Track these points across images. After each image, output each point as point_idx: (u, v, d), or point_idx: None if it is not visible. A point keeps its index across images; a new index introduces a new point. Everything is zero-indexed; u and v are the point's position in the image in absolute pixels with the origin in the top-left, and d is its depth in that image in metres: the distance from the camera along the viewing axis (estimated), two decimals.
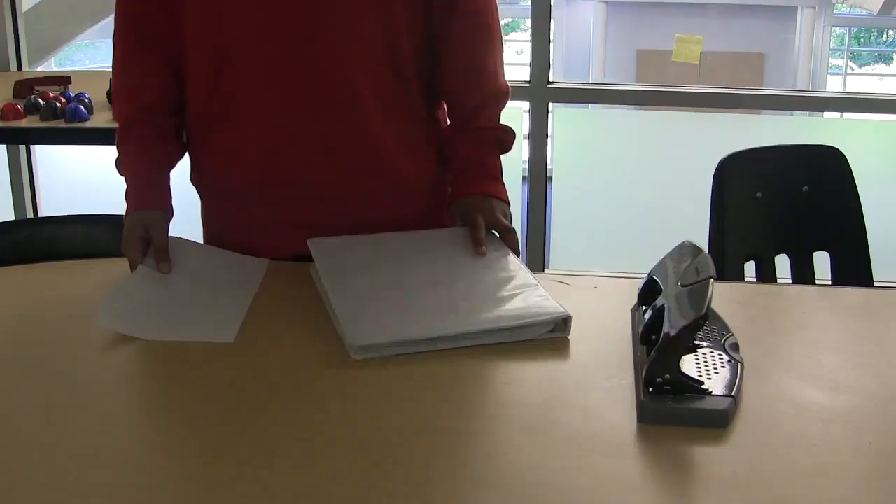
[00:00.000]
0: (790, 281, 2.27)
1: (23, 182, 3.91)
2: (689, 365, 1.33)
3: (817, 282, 2.29)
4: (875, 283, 2.26)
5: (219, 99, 1.78)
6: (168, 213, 1.79)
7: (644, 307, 1.47)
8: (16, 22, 3.88)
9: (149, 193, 1.80)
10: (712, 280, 1.35)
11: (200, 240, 1.87)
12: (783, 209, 2.30)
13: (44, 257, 1.86)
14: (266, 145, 1.78)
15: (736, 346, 1.40)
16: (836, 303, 1.73)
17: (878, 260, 2.26)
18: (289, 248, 1.78)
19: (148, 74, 1.81)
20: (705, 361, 1.35)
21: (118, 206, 1.79)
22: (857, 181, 2.29)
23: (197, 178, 1.91)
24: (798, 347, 1.51)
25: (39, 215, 3.95)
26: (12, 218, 3.84)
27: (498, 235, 1.75)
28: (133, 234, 1.72)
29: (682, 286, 1.38)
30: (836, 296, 1.82)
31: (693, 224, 2.19)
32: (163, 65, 1.81)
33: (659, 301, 1.41)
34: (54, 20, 8.90)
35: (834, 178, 2.30)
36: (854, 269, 2.27)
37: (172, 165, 1.85)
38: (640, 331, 1.42)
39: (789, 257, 2.28)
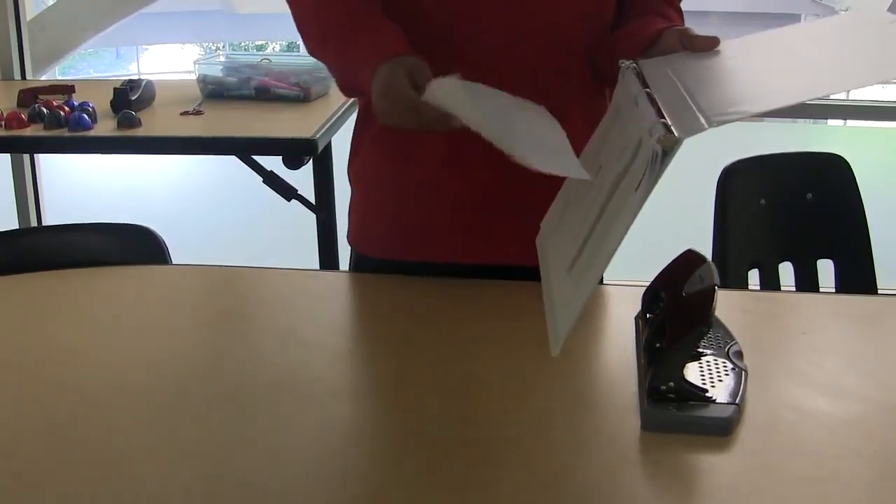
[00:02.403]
0: (794, 288, 2.27)
1: (26, 191, 3.91)
2: (692, 373, 1.33)
3: (821, 289, 2.29)
4: (879, 291, 2.26)
5: None
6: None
7: (648, 315, 1.47)
8: (20, 31, 3.89)
9: (390, 40, 1.55)
10: (716, 288, 1.35)
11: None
12: (787, 217, 2.30)
13: (48, 266, 1.86)
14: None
15: (740, 354, 1.40)
16: (840, 310, 1.73)
17: (883, 267, 2.26)
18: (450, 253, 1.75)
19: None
20: (709, 369, 1.35)
21: (122, 214, 1.79)
22: (860, 188, 2.29)
23: (361, 165, 1.84)
24: (802, 355, 1.51)
25: (43, 224, 3.95)
26: (16, 226, 3.85)
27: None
28: (396, 81, 1.46)
29: (686, 294, 1.38)
30: (840, 303, 1.82)
31: (697, 231, 2.19)
32: None
33: (663, 309, 1.41)
34: (58, 29, 8.93)
35: (838, 185, 2.30)
36: (858, 276, 2.27)
37: None
38: (643, 339, 1.42)
39: (793, 265, 2.28)
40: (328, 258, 3.13)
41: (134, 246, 1.97)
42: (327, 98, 3.21)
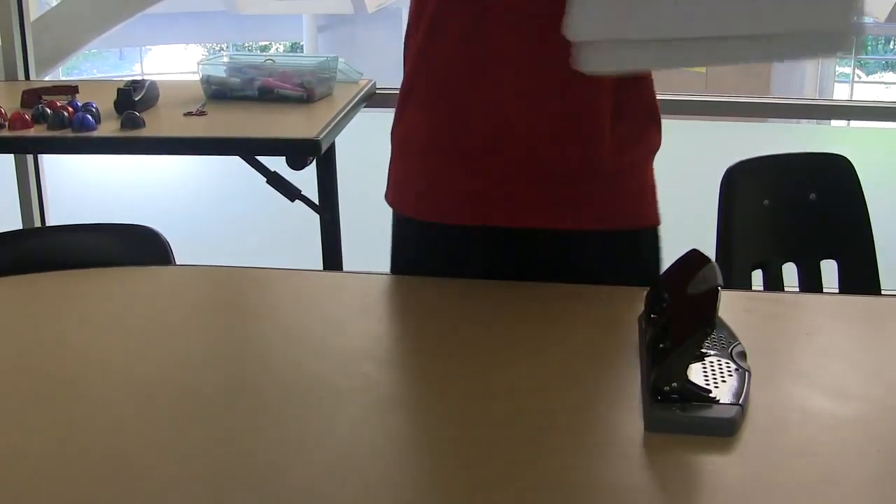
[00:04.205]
0: (798, 289, 2.26)
1: (30, 191, 3.91)
2: (696, 373, 1.33)
3: (825, 290, 2.29)
4: (883, 292, 2.26)
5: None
6: None
7: (652, 315, 1.47)
8: (23, 31, 3.90)
9: None
10: (719, 289, 1.34)
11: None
12: (790, 217, 2.30)
13: (52, 266, 1.86)
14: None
15: (743, 355, 1.40)
16: (843, 311, 1.73)
17: (886, 268, 2.26)
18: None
19: None
20: (713, 370, 1.35)
21: (125, 215, 1.79)
22: (864, 189, 2.29)
23: (404, 131, 1.85)
24: (806, 355, 1.51)
25: (47, 224, 3.95)
26: (20, 227, 3.85)
27: None
28: None
29: (690, 295, 1.38)
30: (844, 304, 1.82)
31: (700, 232, 2.19)
32: None
33: (666, 310, 1.41)
34: (61, 30, 8.95)
35: (841, 186, 2.30)
36: (862, 277, 2.27)
37: None
38: (647, 339, 1.42)
39: (797, 265, 2.28)
40: (332, 259, 3.13)
41: (138, 246, 1.97)
42: (331, 99, 3.21)
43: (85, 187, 6.25)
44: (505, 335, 1.55)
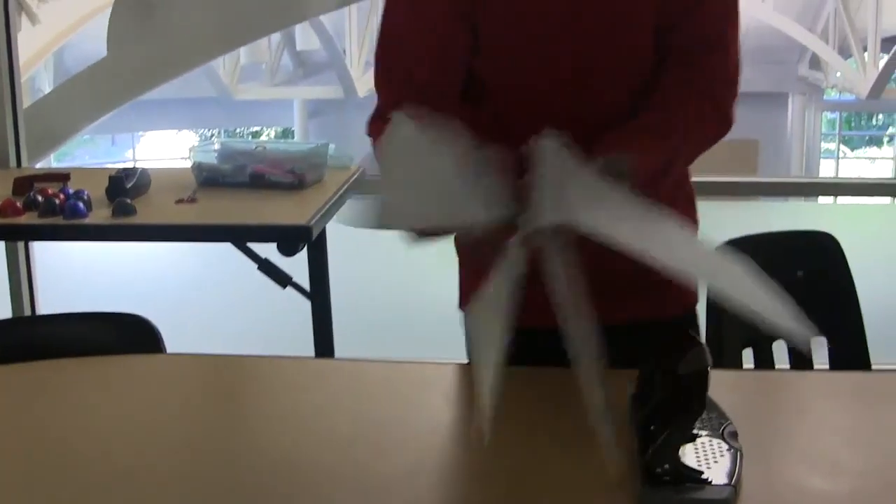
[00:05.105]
0: (788, 367, 2.27)
1: (21, 279, 3.91)
2: (688, 455, 1.33)
3: (815, 367, 2.29)
4: (873, 367, 2.26)
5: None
6: None
7: (642, 396, 1.47)
8: (16, 119, 3.92)
9: None
10: (708, 370, 1.35)
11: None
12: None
13: (43, 355, 1.86)
14: None
15: (735, 435, 1.40)
16: (834, 387, 1.73)
17: (875, 343, 2.26)
18: None
19: None
20: (705, 450, 1.35)
21: (116, 302, 1.80)
22: (851, 264, 2.30)
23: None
24: (798, 432, 1.51)
25: (37, 313, 3.94)
26: (10, 315, 3.84)
27: None
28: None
29: (680, 376, 1.38)
30: (835, 380, 1.82)
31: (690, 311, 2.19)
32: None
33: (657, 391, 1.41)
34: (54, 117, 8.99)
35: (828, 263, 2.31)
36: (851, 353, 2.27)
37: None
38: (637, 420, 1.42)
39: (786, 343, 2.28)
40: (323, 345, 3.12)
41: (129, 335, 1.97)
42: (322, 185, 3.23)
43: (76, 274, 6.24)
44: (497, 417, 1.54)
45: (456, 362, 1.74)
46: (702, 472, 1.30)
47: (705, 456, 1.34)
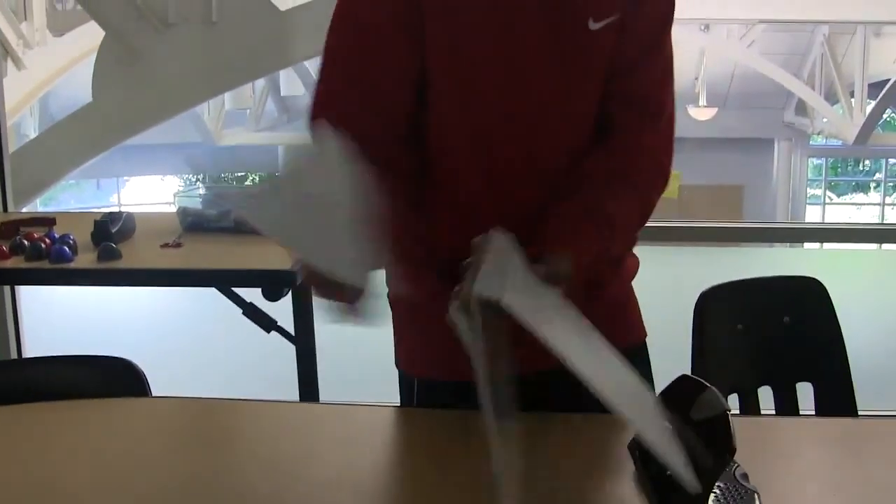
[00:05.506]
0: (774, 412, 2.27)
1: (7, 322, 3.90)
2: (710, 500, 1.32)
3: (801, 412, 2.29)
4: (859, 413, 2.26)
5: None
6: None
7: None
8: (2, 164, 3.92)
9: None
10: (728, 413, 1.35)
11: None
12: (765, 341, 2.31)
13: (29, 398, 1.86)
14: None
15: (746, 476, 1.38)
16: (820, 433, 1.73)
17: (862, 389, 2.27)
18: None
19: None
20: (725, 496, 1.34)
21: (102, 346, 1.79)
22: (838, 309, 2.30)
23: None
24: (782, 478, 1.51)
25: (23, 355, 3.93)
26: None
27: None
28: None
29: (696, 421, 1.38)
30: (821, 426, 1.82)
31: (675, 357, 2.20)
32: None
33: None
34: (40, 162, 9.00)
35: (814, 308, 2.32)
36: (838, 398, 2.27)
37: None
38: (649, 468, 1.41)
39: (772, 388, 2.28)
40: (308, 389, 3.11)
41: (114, 378, 1.96)
42: None
43: (62, 318, 6.24)
44: (487, 467, 1.54)
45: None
46: None
47: (728, 499, 1.33)
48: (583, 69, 1.71)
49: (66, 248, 2.89)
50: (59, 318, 6.26)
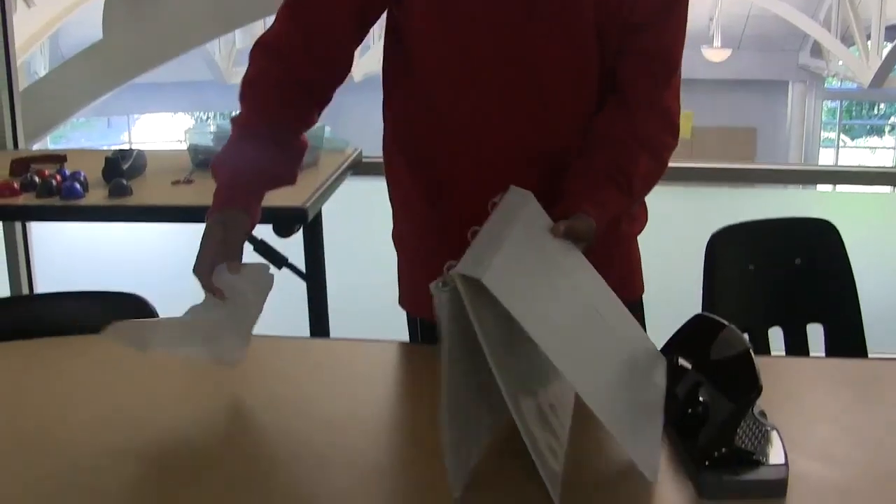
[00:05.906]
0: (784, 353, 2.27)
1: (18, 259, 3.91)
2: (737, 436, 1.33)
3: (811, 354, 2.29)
4: (869, 355, 2.26)
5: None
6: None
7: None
8: (12, 101, 3.91)
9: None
10: (750, 350, 1.35)
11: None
12: (776, 282, 2.31)
13: (40, 333, 1.86)
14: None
15: (764, 414, 1.39)
16: (830, 375, 1.73)
17: (872, 331, 2.26)
18: None
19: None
20: (747, 432, 1.34)
21: (113, 282, 1.79)
22: (849, 252, 2.30)
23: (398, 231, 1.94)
24: (792, 419, 1.51)
25: (35, 292, 3.95)
26: (8, 294, 3.85)
27: None
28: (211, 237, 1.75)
29: (717, 360, 1.37)
30: (830, 367, 1.82)
31: (685, 297, 2.20)
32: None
33: (690, 375, 1.40)
34: (50, 99, 8.98)
35: (826, 250, 2.31)
36: (848, 340, 2.27)
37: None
38: (672, 406, 1.41)
39: (783, 330, 2.28)
40: (319, 325, 3.12)
41: (125, 313, 1.97)
42: (317, 167, 3.22)
43: (73, 254, 6.25)
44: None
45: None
46: (754, 453, 1.29)
47: (749, 437, 1.33)
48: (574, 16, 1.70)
49: (77, 185, 2.89)
50: (70, 255, 6.27)
